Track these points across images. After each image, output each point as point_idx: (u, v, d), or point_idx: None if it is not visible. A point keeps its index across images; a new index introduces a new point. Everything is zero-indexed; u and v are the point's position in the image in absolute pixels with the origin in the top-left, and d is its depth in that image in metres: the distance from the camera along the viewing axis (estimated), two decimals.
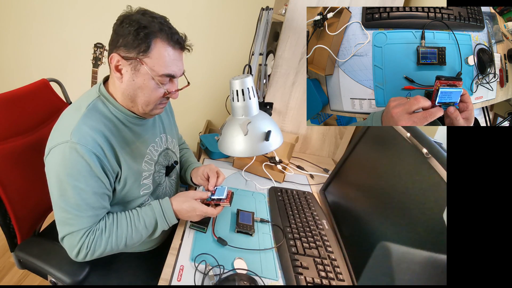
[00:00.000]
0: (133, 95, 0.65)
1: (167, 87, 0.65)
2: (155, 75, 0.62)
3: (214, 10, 1.56)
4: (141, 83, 0.63)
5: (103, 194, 0.65)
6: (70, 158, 0.58)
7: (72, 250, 0.63)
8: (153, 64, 0.61)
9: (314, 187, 1.02)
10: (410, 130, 0.63)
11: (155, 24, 0.60)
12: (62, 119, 0.66)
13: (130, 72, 0.62)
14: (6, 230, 0.80)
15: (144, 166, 0.73)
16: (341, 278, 0.65)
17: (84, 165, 0.59)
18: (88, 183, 0.60)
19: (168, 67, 0.63)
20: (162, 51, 0.61)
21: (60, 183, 0.60)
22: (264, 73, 1.03)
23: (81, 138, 0.59)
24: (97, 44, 1.48)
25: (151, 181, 0.75)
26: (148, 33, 0.59)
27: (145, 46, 0.60)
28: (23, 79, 0.98)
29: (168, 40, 0.61)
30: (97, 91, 0.68)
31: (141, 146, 0.73)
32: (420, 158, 0.57)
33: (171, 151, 0.85)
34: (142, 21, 0.59)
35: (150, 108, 0.67)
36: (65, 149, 0.58)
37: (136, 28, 0.59)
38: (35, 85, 0.88)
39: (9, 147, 0.76)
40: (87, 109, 0.63)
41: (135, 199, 0.72)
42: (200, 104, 1.79)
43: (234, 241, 0.72)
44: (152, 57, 0.61)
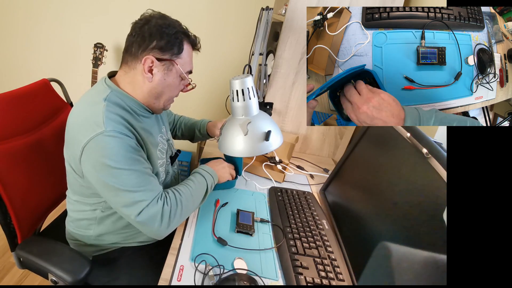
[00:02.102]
0: (161, 92, 0.70)
1: (184, 82, 0.74)
2: (182, 72, 0.70)
3: (214, 10, 1.56)
4: (171, 81, 0.70)
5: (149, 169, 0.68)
6: (111, 145, 0.60)
7: (154, 220, 0.63)
8: (183, 63, 0.70)
9: (314, 187, 1.02)
10: (410, 130, 0.63)
11: (182, 28, 0.69)
12: (81, 118, 0.65)
13: (162, 72, 0.68)
14: (6, 229, 0.80)
15: (158, 153, 0.76)
16: (341, 278, 0.65)
17: (128, 149, 0.62)
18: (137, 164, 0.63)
19: (190, 64, 0.73)
20: (189, 51, 0.71)
21: (112, 172, 0.60)
22: (264, 73, 1.03)
23: (115, 126, 0.61)
24: (97, 44, 1.48)
25: (164, 170, 0.79)
26: (181, 38, 0.68)
27: (178, 49, 0.67)
28: (24, 79, 0.98)
29: (192, 41, 0.71)
30: (105, 87, 0.69)
31: (154, 135, 0.76)
32: (420, 158, 0.57)
33: (171, 141, 0.90)
34: (174, 25, 0.67)
35: (169, 103, 0.75)
36: (103, 139, 0.59)
37: (173, 33, 0.66)
38: (36, 85, 0.88)
39: (10, 146, 0.76)
40: (106, 102, 0.65)
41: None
42: (200, 104, 1.79)
43: (234, 241, 0.72)
44: (183, 57, 0.69)
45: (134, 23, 0.68)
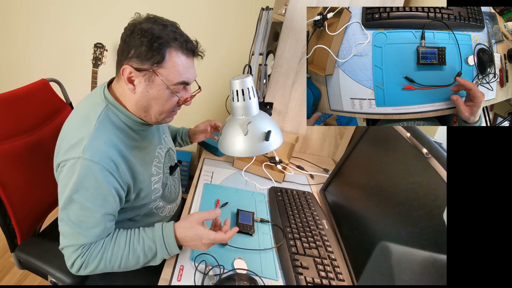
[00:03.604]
0: (147, 106, 0.64)
1: (180, 94, 0.65)
2: (170, 84, 0.61)
3: (214, 10, 1.56)
4: (155, 93, 0.62)
5: (109, 215, 0.62)
6: (80, 175, 0.57)
7: (67, 261, 0.62)
8: (167, 74, 0.61)
9: (314, 187, 1.02)
10: (410, 130, 0.63)
11: (168, 33, 0.59)
12: (70, 131, 0.64)
13: (144, 84, 0.61)
14: (6, 230, 0.80)
15: (154, 170, 0.72)
16: (341, 278, 0.65)
17: (94, 184, 0.58)
18: (95, 202, 0.59)
19: (182, 75, 0.62)
20: (175, 60, 0.60)
21: (67, 198, 0.58)
22: (264, 73, 1.03)
23: (95, 154, 0.57)
24: (97, 44, 1.48)
25: (161, 184, 0.75)
26: (162, 44, 0.58)
27: (159, 57, 0.58)
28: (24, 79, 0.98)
29: (182, 48, 0.61)
30: (102, 99, 0.65)
31: (151, 150, 0.73)
32: (420, 158, 0.57)
33: (172, 150, 0.86)
34: (155, 30, 0.58)
35: (163, 117, 0.67)
36: (76, 165, 0.57)
37: (149, 39, 0.57)
38: (35, 85, 0.88)
39: (9, 147, 0.76)
40: (98, 121, 0.61)
41: (147, 204, 0.73)
42: (200, 104, 1.79)
43: (234, 241, 0.72)
44: (167, 67, 0.60)
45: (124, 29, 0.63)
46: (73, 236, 0.60)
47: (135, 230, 0.66)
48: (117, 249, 0.62)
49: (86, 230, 0.60)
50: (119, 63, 0.63)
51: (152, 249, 0.63)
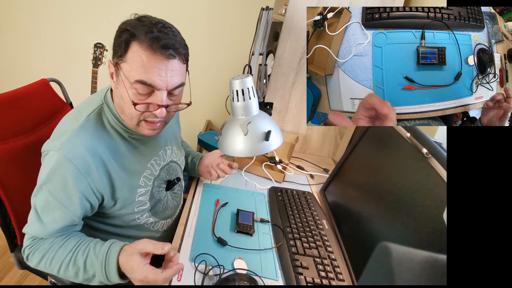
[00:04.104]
0: (119, 106, 0.61)
1: (146, 98, 0.57)
2: (129, 81, 0.56)
3: (214, 10, 1.56)
4: (121, 91, 0.58)
5: (68, 216, 0.60)
6: (53, 167, 0.57)
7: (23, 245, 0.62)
8: (129, 69, 0.55)
9: (314, 187, 1.02)
10: (410, 130, 0.63)
11: (143, 27, 0.54)
12: (61, 124, 0.65)
13: (115, 79, 0.60)
14: (6, 230, 0.80)
15: (141, 182, 0.69)
16: (341, 278, 0.65)
17: (61, 180, 0.57)
18: (58, 198, 0.58)
19: (142, 73, 0.54)
20: (138, 55, 0.54)
21: (38, 186, 0.60)
22: (264, 73, 1.03)
23: (70, 151, 0.57)
24: (97, 44, 1.48)
25: (148, 198, 0.71)
26: (128, 36, 0.55)
27: (122, 50, 0.55)
28: (24, 79, 0.98)
29: (150, 43, 0.53)
30: (101, 98, 0.65)
31: (141, 161, 0.69)
32: (420, 158, 0.57)
33: (176, 163, 0.82)
34: (130, 24, 0.56)
35: (135, 123, 0.61)
36: (53, 157, 0.58)
37: (120, 32, 0.56)
38: (35, 85, 0.88)
39: (9, 147, 0.76)
40: (85, 120, 0.61)
41: (128, 215, 0.69)
42: (200, 104, 1.79)
43: (234, 241, 0.72)
44: (128, 61, 0.55)
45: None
46: (32, 224, 0.60)
47: (87, 240, 0.62)
48: (61, 253, 0.59)
49: (43, 223, 0.60)
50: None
51: (93, 266, 0.57)
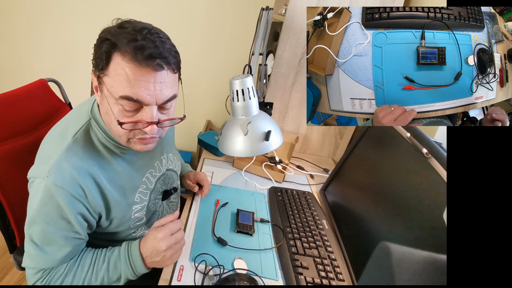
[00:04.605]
0: (107, 123, 0.57)
1: (134, 114, 0.52)
2: (113, 97, 0.50)
3: (214, 10, 1.56)
4: (106, 107, 0.52)
5: (74, 239, 0.58)
6: (43, 197, 0.53)
7: (28, 281, 0.59)
8: (112, 83, 0.50)
9: (314, 187, 1.02)
10: (410, 130, 0.63)
11: (126, 35, 0.48)
12: (47, 143, 0.60)
13: (99, 93, 0.54)
14: (5, 232, 0.80)
15: (137, 198, 0.66)
16: (341, 278, 0.65)
17: (56, 208, 0.54)
18: (57, 226, 0.55)
19: (127, 88, 0.49)
20: (120, 67, 0.48)
21: (30, 218, 0.55)
22: (264, 73, 1.03)
23: (58, 177, 0.53)
24: None
25: (145, 212, 0.69)
26: (109, 46, 0.48)
27: (103, 63, 0.49)
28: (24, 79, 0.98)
29: (134, 53, 0.47)
30: (88, 111, 0.60)
31: (136, 176, 0.66)
32: (420, 158, 0.57)
33: (172, 171, 0.79)
34: (111, 31, 0.49)
35: (124, 141, 0.56)
36: (40, 185, 0.53)
37: (100, 41, 0.50)
38: (33, 86, 0.88)
39: (8, 148, 0.76)
40: (72, 140, 0.56)
41: (124, 231, 0.67)
42: (200, 104, 1.79)
43: (234, 241, 0.72)
44: (110, 75, 0.49)
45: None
46: (34, 258, 0.57)
47: (102, 250, 0.63)
48: (80, 271, 0.59)
49: (48, 254, 0.56)
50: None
51: (117, 269, 0.59)
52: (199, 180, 0.88)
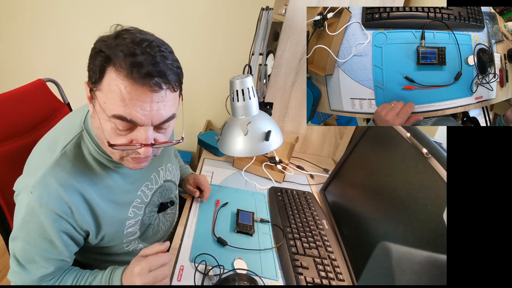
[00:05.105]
0: (99, 137, 0.53)
1: (131, 136, 0.48)
2: (106, 114, 0.47)
3: (214, 10, 1.56)
4: (97, 123, 0.49)
5: (55, 260, 0.55)
6: (25, 214, 0.51)
7: None
8: (104, 100, 0.46)
9: (314, 187, 1.02)
10: (410, 130, 0.63)
11: (122, 48, 0.44)
12: (36, 153, 0.58)
13: (91, 107, 0.51)
14: (4, 233, 0.80)
15: (130, 212, 0.64)
16: (341, 278, 0.65)
17: (37, 229, 0.51)
18: (38, 246, 0.53)
19: (121, 107, 0.45)
20: (114, 83, 0.44)
21: (13, 233, 0.54)
22: (264, 73, 1.03)
23: (43, 194, 0.50)
24: None
25: (138, 227, 0.66)
26: (103, 60, 0.45)
27: (96, 76, 0.46)
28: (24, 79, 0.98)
29: (129, 70, 0.43)
30: (81, 123, 0.57)
31: (131, 191, 0.64)
32: (420, 158, 0.57)
33: (170, 182, 0.76)
34: (107, 41, 0.46)
35: (117, 158, 0.53)
36: (24, 201, 0.51)
37: (96, 51, 0.47)
38: (32, 86, 0.87)
39: (6, 149, 0.75)
40: (61, 154, 0.53)
41: (116, 245, 0.65)
42: (200, 104, 1.79)
43: (234, 241, 0.72)
44: (103, 90, 0.46)
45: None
46: (17, 274, 0.55)
47: (84, 274, 0.60)
48: None
49: (29, 272, 0.55)
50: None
51: None
52: (199, 184, 0.87)
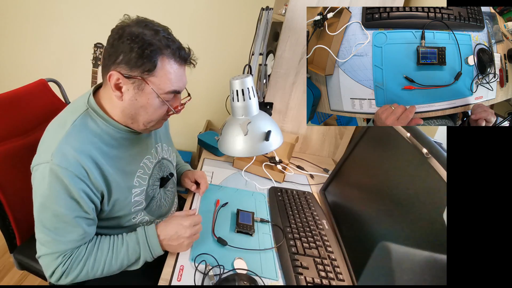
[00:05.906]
0: (135, 114, 0.62)
1: (171, 102, 0.63)
2: (161, 93, 0.59)
3: (214, 10, 1.56)
4: (144, 102, 0.60)
5: (85, 219, 0.61)
6: (49, 180, 0.55)
7: (46, 270, 0.61)
8: (158, 82, 0.58)
9: (314, 187, 1.02)
10: (410, 130, 0.63)
11: (160, 39, 0.56)
12: (47, 134, 0.63)
13: (132, 91, 0.59)
14: (5, 231, 0.80)
15: (136, 182, 0.69)
16: (341, 278, 0.65)
17: (63, 189, 0.56)
18: (67, 207, 0.57)
19: (174, 83, 0.60)
20: (168, 68, 0.58)
21: (40, 204, 0.58)
22: (264, 73, 1.03)
23: (62, 160, 0.55)
24: (97, 44, 1.48)
25: (144, 197, 0.71)
26: (154, 51, 0.56)
27: (150, 65, 0.56)
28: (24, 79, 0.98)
29: (174, 56, 0.58)
30: (85, 103, 0.63)
31: (134, 161, 0.69)
32: (420, 158, 0.57)
33: (167, 160, 0.82)
34: (146, 36, 0.56)
35: (152, 125, 0.65)
36: (45, 170, 0.55)
37: (140, 45, 0.55)
38: (33, 85, 0.88)
39: (8, 148, 0.76)
40: (71, 126, 0.59)
41: (125, 216, 0.69)
42: (200, 104, 1.79)
43: (234, 241, 0.72)
44: (158, 75, 0.58)
45: (111, 31, 0.59)
46: (50, 243, 0.59)
47: (118, 236, 0.66)
48: (100, 254, 0.62)
49: (63, 236, 0.59)
50: (105, 67, 0.60)
51: (136, 251, 0.64)
52: (197, 178, 0.89)
